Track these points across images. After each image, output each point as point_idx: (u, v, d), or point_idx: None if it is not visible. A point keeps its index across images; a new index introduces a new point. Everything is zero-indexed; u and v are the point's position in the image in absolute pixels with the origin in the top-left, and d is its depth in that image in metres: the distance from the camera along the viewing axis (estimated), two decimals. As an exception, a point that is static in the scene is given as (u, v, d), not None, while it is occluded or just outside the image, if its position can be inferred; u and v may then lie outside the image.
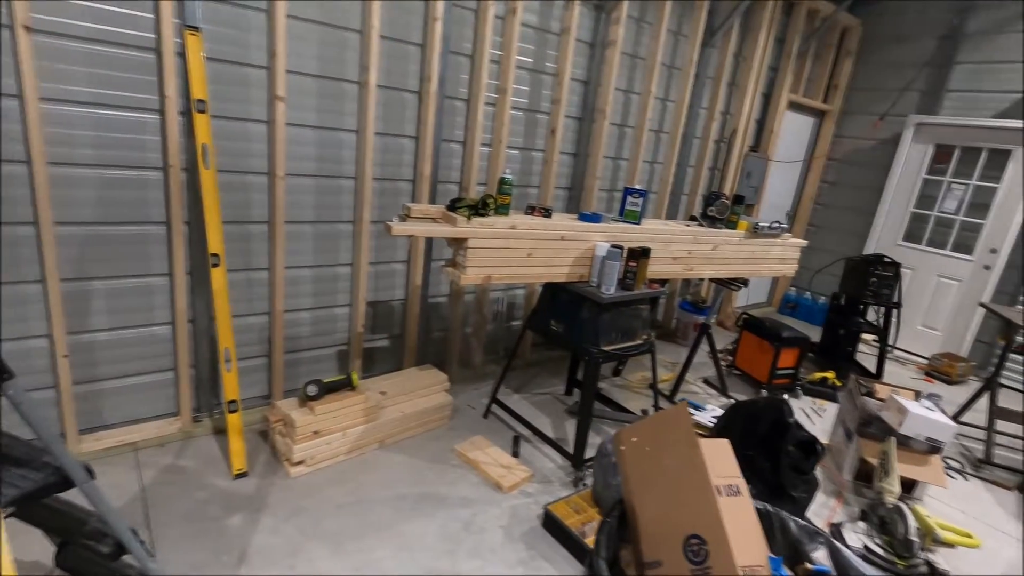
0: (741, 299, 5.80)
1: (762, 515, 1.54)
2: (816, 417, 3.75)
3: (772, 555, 1.41)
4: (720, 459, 1.49)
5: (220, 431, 2.72)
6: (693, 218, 3.50)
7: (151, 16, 2.20)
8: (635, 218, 2.92)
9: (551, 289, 2.84)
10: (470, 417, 3.19)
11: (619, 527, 1.49)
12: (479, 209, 2.40)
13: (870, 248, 5.44)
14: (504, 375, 3.16)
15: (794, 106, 5.26)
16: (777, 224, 3.44)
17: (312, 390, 2.53)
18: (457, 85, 3.12)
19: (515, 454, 2.84)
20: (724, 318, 5.45)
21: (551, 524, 2.32)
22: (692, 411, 3.37)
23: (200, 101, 2.28)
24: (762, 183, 5.16)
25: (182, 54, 2.27)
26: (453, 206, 2.42)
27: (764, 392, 3.91)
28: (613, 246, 2.60)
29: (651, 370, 3.11)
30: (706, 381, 4.08)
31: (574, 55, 3.48)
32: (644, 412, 3.43)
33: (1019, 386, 4.59)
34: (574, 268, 2.72)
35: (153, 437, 2.56)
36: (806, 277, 5.68)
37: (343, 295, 3.06)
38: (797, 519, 1.59)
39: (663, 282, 3.40)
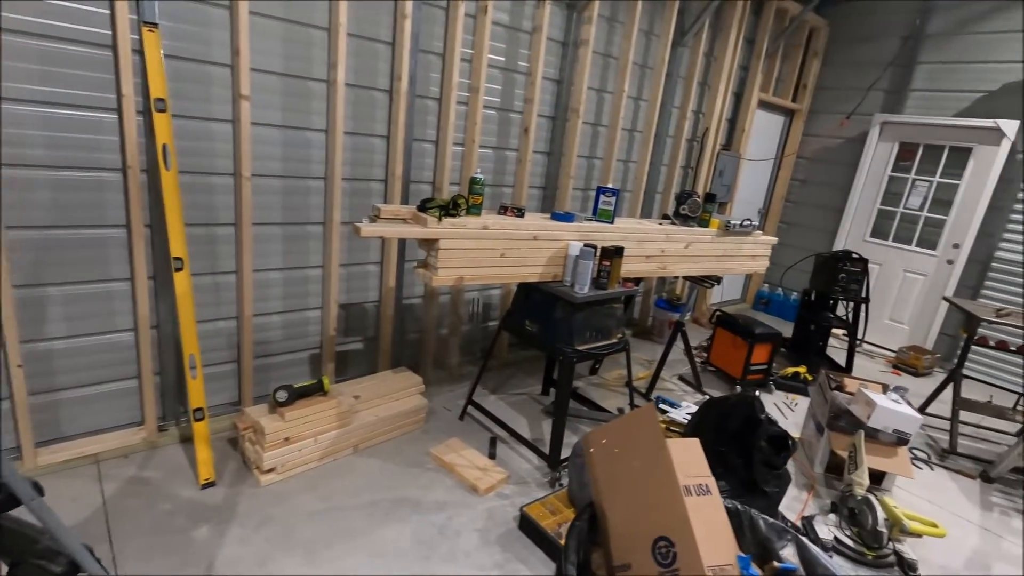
0: (715, 296, 5.87)
1: (732, 514, 1.55)
2: (788, 411, 3.81)
3: (742, 554, 1.42)
4: (690, 459, 1.50)
5: (187, 440, 2.64)
6: (666, 216, 3.52)
7: (106, 12, 2.12)
8: (608, 217, 2.92)
9: (525, 289, 2.83)
10: (446, 419, 3.16)
11: (590, 530, 1.48)
12: (450, 209, 2.37)
13: (839, 244, 5.56)
14: (480, 376, 3.14)
15: (764, 105, 5.34)
16: (748, 222, 3.48)
17: (282, 396, 2.48)
18: (428, 84, 3.08)
19: (491, 456, 2.82)
20: (699, 315, 5.51)
21: (527, 526, 2.31)
22: (667, 408, 3.40)
23: (159, 100, 2.21)
24: (734, 181, 5.23)
25: (140, 51, 2.19)
26: (424, 206, 2.38)
27: (738, 388, 3.96)
28: (586, 245, 2.60)
29: (628, 368, 3.12)
30: (681, 378, 4.11)
31: (546, 54, 3.47)
32: (620, 410, 3.44)
33: (982, 377, 4.74)
34: (547, 268, 2.71)
35: (116, 448, 2.48)
36: (777, 274, 5.77)
37: (314, 298, 3.00)
38: (766, 517, 1.61)
39: (637, 281, 3.42)
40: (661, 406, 3.48)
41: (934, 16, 4.87)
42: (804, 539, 1.54)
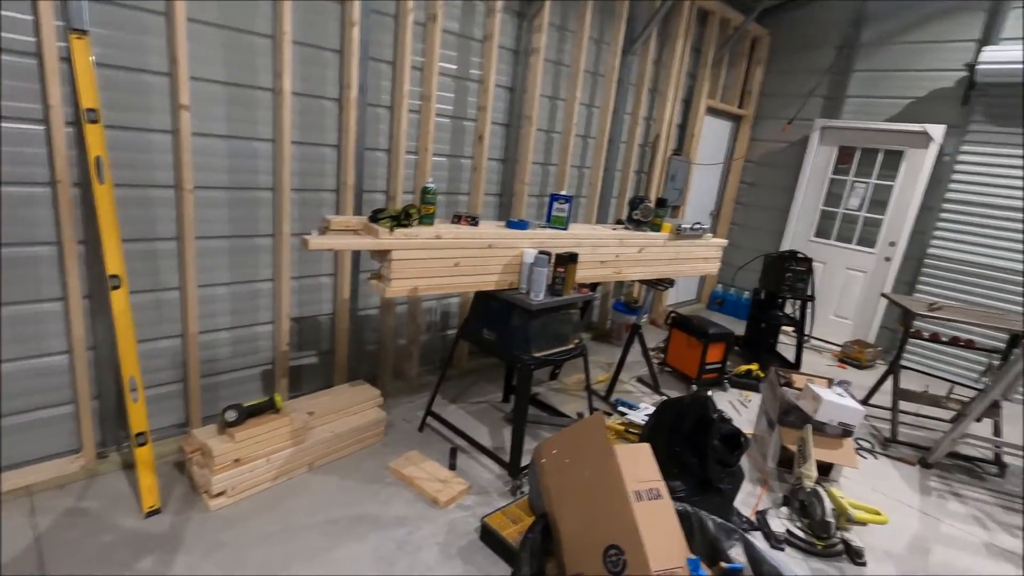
0: (672, 297, 6.00)
1: (683, 516, 1.59)
2: (742, 408, 3.92)
3: (692, 556, 1.45)
4: (640, 464, 1.52)
5: (130, 466, 2.51)
6: (620, 222, 3.58)
7: (29, 17, 2.00)
8: (562, 224, 2.95)
9: (482, 297, 2.82)
10: (405, 432, 3.12)
11: (543, 540, 1.48)
12: (402, 220, 2.34)
13: (786, 244, 5.77)
14: (439, 386, 3.11)
15: (712, 111, 5.51)
16: (698, 225, 3.58)
17: (231, 416, 2.39)
18: (379, 92, 3.05)
19: (452, 467, 2.79)
20: (656, 317, 5.62)
21: (488, 536, 2.29)
22: (626, 410, 3.45)
23: (91, 111, 2.11)
24: (686, 185, 5.37)
25: (68, 59, 2.09)
26: (375, 217, 2.35)
27: (694, 387, 4.05)
28: (540, 252, 2.62)
29: (586, 373, 3.15)
30: (640, 380, 4.18)
31: (498, 62, 3.49)
32: (580, 415, 3.47)
33: (920, 368, 5.00)
34: (503, 276, 2.71)
35: (51, 479, 2.33)
36: (731, 274, 5.96)
37: (265, 312, 2.91)
38: (715, 517, 1.65)
39: (594, 286, 3.46)
40: (620, 408, 3.53)
41: (866, 27, 5.14)
42: (750, 538, 1.58)
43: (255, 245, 2.79)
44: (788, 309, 4.70)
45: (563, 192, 3.10)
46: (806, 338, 4.72)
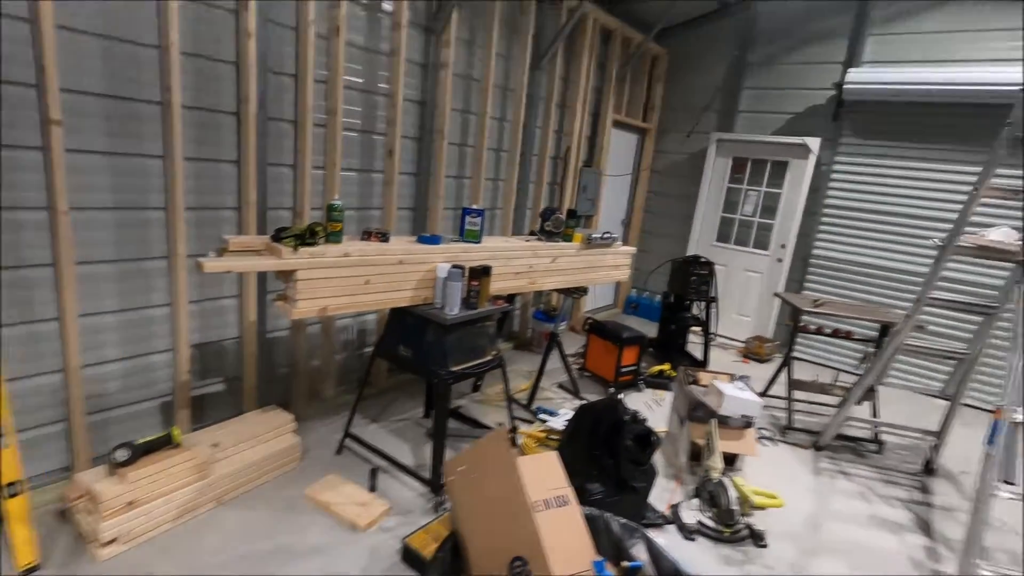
0: (590, 304, 6.20)
1: (590, 519, 1.65)
2: (656, 407, 4.12)
3: (598, 558, 1.51)
4: (547, 472, 1.57)
5: (1, 520, 2.24)
6: (533, 233, 3.66)
7: None
8: (475, 237, 2.98)
9: (397, 314, 2.79)
10: (322, 456, 3.00)
11: (454, 559, 1.49)
12: (307, 238, 2.28)
13: (691, 249, 6.14)
14: (356, 407, 3.03)
15: (619, 124, 5.78)
16: (608, 234, 3.73)
17: (122, 455, 2.20)
18: (282, 106, 2.95)
19: (372, 488, 2.73)
20: (575, 323, 5.78)
21: (410, 557, 2.25)
22: (547, 417, 3.52)
23: (-60, 126, 1.89)
24: (598, 195, 5.58)
25: (-90, 69, 1.86)
26: (278, 236, 2.27)
27: (612, 390, 4.20)
28: (454, 267, 2.63)
29: (505, 384, 3.19)
30: (560, 386, 4.28)
31: (407, 76, 3.48)
32: (501, 425, 3.50)
33: (812, 359, 5.47)
34: (417, 291, 2.70)
35: (-101, 543, 2.04)
36: (642, 279, 6.25)
37: (161, 340, 2.72)
38: (619, 519, 1.72)
39: (511, 297, 3.51)
40: (541, 416, 3.60)
41: (752, 49, 5.61)
42: (651, 536, 1.67)
43: (147, 268, 2.60)
44: (695, 310, 4.99)
45: (476, 206, 3.13)
46: (712, 337, 5.04)
